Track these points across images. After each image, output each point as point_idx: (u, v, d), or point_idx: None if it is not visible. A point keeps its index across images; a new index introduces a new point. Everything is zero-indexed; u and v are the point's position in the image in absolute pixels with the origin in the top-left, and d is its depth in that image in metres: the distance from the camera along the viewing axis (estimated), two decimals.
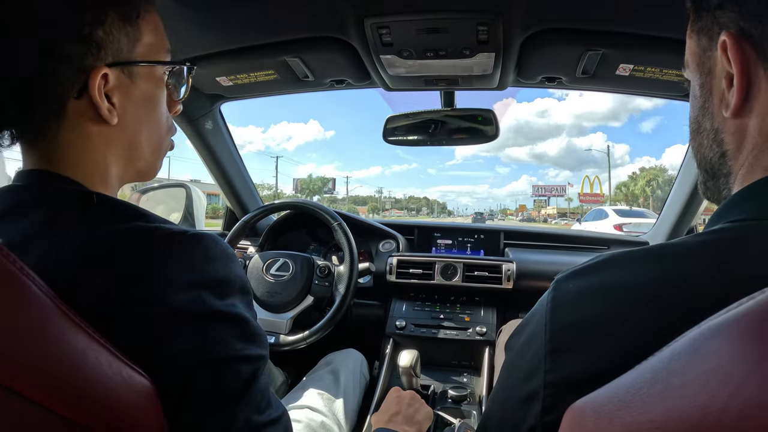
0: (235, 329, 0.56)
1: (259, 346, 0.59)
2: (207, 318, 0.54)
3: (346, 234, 1.61)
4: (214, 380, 0.54)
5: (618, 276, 0.46)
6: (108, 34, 0.57)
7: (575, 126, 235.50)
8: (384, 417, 1.04)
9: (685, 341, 0.30)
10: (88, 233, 0.54)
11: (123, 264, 0.51)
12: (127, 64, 0.60)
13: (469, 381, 1.68)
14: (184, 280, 0.53)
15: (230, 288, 0.58)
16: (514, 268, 1.82)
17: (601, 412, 0.33)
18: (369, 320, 2.00)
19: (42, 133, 0.59)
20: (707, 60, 0.53)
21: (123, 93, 0.61)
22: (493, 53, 1.21)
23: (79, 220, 0.55)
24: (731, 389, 0.24)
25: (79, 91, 0.57)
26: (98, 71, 0.56)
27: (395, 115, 1.60)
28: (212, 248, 0.57)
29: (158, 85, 0.66)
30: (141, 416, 0.50)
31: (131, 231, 0.55)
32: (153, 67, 0.65)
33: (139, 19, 0.61)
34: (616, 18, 1.09)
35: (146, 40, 0.63)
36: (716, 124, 0.53)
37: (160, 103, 0.68)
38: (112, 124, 0.60)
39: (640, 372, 0.32)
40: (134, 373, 0.49)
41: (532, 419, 0.46)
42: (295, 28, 1.21)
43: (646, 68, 1.27)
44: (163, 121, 0.69)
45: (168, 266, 0.53)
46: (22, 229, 0.54)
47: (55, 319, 0.43)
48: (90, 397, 0.45)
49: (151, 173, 0.71)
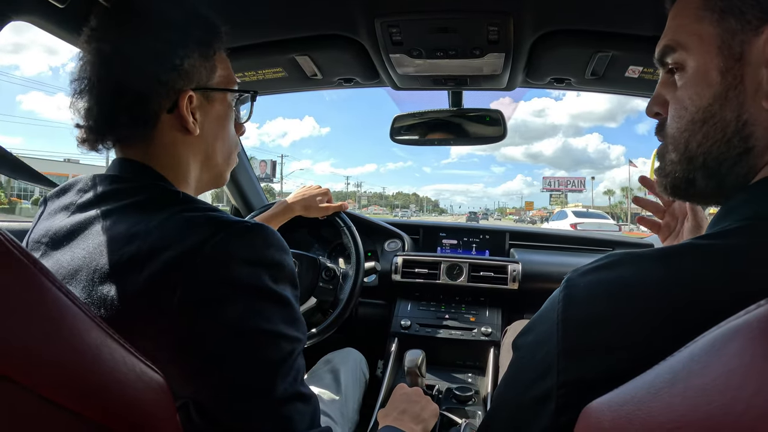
0: (282, 311, 0.64)
1: (299, 331, 0.66)
2: (260, 293, 0.62)
3: (354, 237, 1.58)
4: (257, 349, 0.60)
5: (631, 273, 0.46)
6: (193, 67, 0.74)
7: (572, 126, 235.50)
8: (392, 414, 1.04)
9: (704, 342, 0.30)
10: (171, 215, 0.64)
11: (196, 236, 0.60)
12: (206, 90, 0.77)
13: (474, 381, 1.67)
14: (247, 257, 0.62)
15: (284, 274, 0.66)
16: (520, 269, 1.82)
17: (619, 413, 0.33)
18: (372, 319, 2.00)
19: (140, 138, 0.73)
20: (737, 44, 0.50)
21: (203, 111, 0.78)
22: (503, 53, 1.21)
23: (167, 207, 0.67)
24: (753, 389, 0.24)
25: (170, 107, 0.73)
26: (185, 93, 0.73)
27: (402, 114, 1.60)
28: (272, 237, 0.66)
29: (229, 108, 0.83)
30: (154, 412, 0.50)
31: (206, 216, 0.65)
32: (225, 93, 0.82)
33: (214, 57, 0.79)
34: (625, 20, 1.09)
35: (219, 73, 0.80)
36: (745, 116, 0.49)
37: (229, 123, 0.85)
38: (195, 134, 0.76)
39: (659, 372, 0.32)
40: (148, 369, 0.50)
41: (546, 420, 0.46)
42: (305, 25, 1.21)
43: (655, 71, 1.26)
44: (231, 138, 0.86)
45: (234, 244, 0.62)
46: (118, 208, 0.67)
47: (71, 316, 0.43)
48: (105, 394, 0.45)
49: (221, 181, 0.89)
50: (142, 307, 0.58)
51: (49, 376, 0.40)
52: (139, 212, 0.66)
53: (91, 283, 0.60)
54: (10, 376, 0.37)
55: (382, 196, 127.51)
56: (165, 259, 0.58)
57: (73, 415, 0.42)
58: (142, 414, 0.48)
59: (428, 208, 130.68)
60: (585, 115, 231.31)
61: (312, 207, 1.53)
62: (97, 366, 0.44)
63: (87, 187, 0.73)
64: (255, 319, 0.60)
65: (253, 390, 0.59)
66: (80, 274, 0.62)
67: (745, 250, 0.43)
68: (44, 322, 0.41)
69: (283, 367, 0.62)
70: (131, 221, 0.64)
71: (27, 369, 0.38)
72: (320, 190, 1.57)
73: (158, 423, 0.51)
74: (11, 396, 0.38)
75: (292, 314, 0.65)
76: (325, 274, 1.59)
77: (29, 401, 0.39)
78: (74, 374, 0.42)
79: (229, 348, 0.59)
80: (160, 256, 0.59)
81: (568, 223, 23.12)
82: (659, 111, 0.61)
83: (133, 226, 0.63)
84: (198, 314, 0.58)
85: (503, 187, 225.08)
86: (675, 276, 0.43)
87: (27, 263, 0.40)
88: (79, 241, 0.66)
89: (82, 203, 0.71)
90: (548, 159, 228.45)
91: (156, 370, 0.51)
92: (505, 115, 1.55)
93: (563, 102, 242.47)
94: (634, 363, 0.36)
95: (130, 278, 0.59)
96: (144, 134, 0.73)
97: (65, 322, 0.43)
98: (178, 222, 0.63)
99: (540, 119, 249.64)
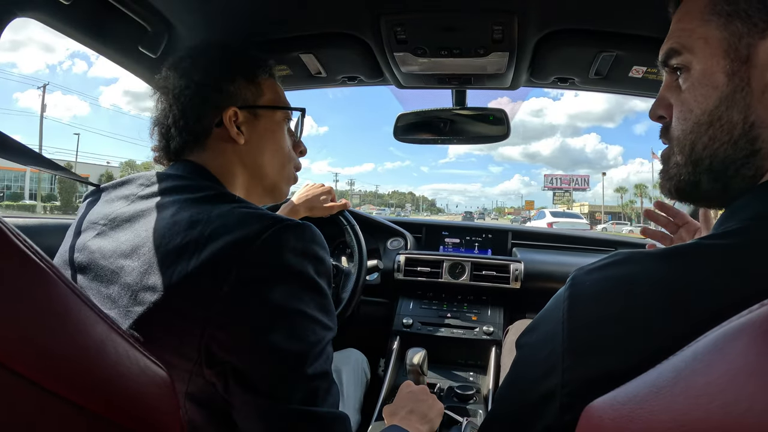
0: (320, 300, 0.70)
1: (332, 321, 0.73)
2: (304, 281, 0.69)
3: (357, 236, 1.58)
4: (297, 328, 0.66)
5: (636, 271, 0.46)
6: (237, 89, 0.88)
7: (569, 126, 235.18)
8: (399, 412, 1.05)
9: (707, 341, 0.30)
10: (230, 210, 0.71)
11: (253, 227, 0.67)
12: (250, 107, 0.89)
13: (476, 380, 1.68)
14: (296, 248, 0.68)
15: (324, 268, 0.72)
16: (522, 268, 1.82)
17: (621, 412, 0.33)
18: (374, 318, 2.00)
19: (195, 146, 0.86)
20: (743, 47, 0.50)
21: (249, 125, 0.89)
22: (507, 53, 1.21)
23: (226, 203, 0.74)
24: (756, 388, 0.24)
25: (218, 122, 0.86)
26: (229, 110, 0.86)
27: (406, 112, 1.60)
28: (317, 235, 0.73)
29: (278, 126, 0.94)
30: (157, 406, 0.50)
31: (262, 212, 0.72)
32: (271, 111, 0.93)
33: (259, 81, 0.92)
34: (630, 20, 1.09)
35: (267, 96, 0.92)
36: (752, 117, 0.50)
37: (280, 138, 0.95)
38: (240, 143, 0.87)
39: (661, 371, 0.32)
40: (151, 363, 0.50)
41: (549, 418, 0.46)
42: (310, 23, 1.21)
43: (659, 71, 1.26)
44: (284, 153, 0.96)
45: (286, 236, 0.68)
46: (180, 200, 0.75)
47: (76, 310, 0.44)
48: (109, 387, 0.45)
49: (278, 194, 0.99)
50: (201, 280, 0.64)
51: (54, 369, 0.40)
52: (200, 205, 0.73)
53: (152, 258, 0.67)
54: (15, 368, 0.37)
55: (376, 195, 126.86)
56: (225, 242, 0.65)
57: (76, 408, 0.42)
58: (145, 408, 0.49)
59: (424, 207, 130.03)
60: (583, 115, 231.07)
61: (316, 207, 1.53)
62: (101, 360, 0.45)
63: (149, 182, 0.81)
64: (297, 302, 0.67)
65: (290, 362, 0.65)
66: (141, 249, 0.69)
67: (748, 250, 0.43)
68: (49, 316, 0.41)
69: (316, 347, 0.67)
70: (193, 211, 0.71)
71: (31, 362, 0.39)
72: (323, 189, 1.57)
73: (161, 417, 0.51)
74: (15, 388, 0.38)
75: (327, 305, 0.72)
76: None
77: (33, 394, 0.39)
78: (79, 368, 0.43)
79: (273, 322, 0.65)
80: (222, 239, 0.65)
81: (545, 222, 27.87)
82: (663, 114, 0.61)
83: (195, 215, 0.70)
84: (249, 290, 0.64)
85: (501, 186, 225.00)
86: (679, 275, 0.43)
87: (33, 257, 0.40)
88: (142, 223, 0.73)
89: (144, 194, 0.79)
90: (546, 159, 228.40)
91: (159, 365, 0.51)
92: (508, 115, 1.55)
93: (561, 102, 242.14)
94: (639, 361, 0.36)
95: (192, 257, 0.65)
96: (196, 145, 0.86)
97: (70, 316, 0.43)
98: (237, 215, 0.70)
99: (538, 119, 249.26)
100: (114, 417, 0.46)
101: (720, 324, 0.30)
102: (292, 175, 1.01)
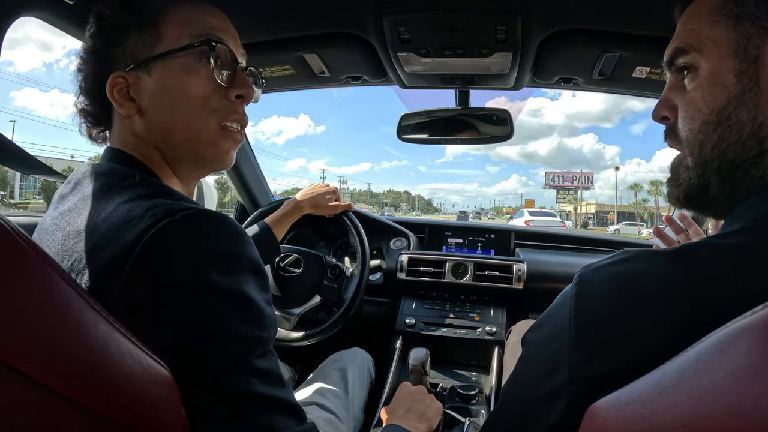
0: (234, 306, 0.57)
1: (260, 328, 0.59)
2: (206, 291, 0.55)
3: (360, 236, 1.59)
4: (206, 354, 0.54)
5: (643, 269, 0.46)
6: (126, 49, 0.71)
7: (567, 126, 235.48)
8: (397, 412, 1.05)
9: (711, 341, 0.30)
10: (117, 206, 0.59)
11: (133, 231, 0.54)
12: (139, 65, 0.71)
13: (478, 380, 1.67)
14: (187, 250, 0.55)
15: (237, 265, 0.59)
16: (525, 269, 1.82)
17: (625, 411, 0.33)
18: (377, 318, 2.00)
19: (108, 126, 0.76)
20: (752, 48, 0.51)
21: (138, 89, 0.71)
22: (510, 53, 1.21)
23: (119, 195, 0.62)
24: (759, 388, 0.24)
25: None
26: (114, 78, 0.70)
27: (409, 112, 1.60)
28: (220, 226, 0.59)
29: (183, 72, 0.71)
30: (161, 406, 0.50)
31: (147, 206, 0.58)
32: (168, 59, 0.71)
33: (157, 22, 0.71)
34: (634, 20, 1.09)
35: (169, 35, 0.71)
36: (761, 117, 0.50)
37: (186, 87, 0.72)
38: (132, 116, 0.72)
39: (665, 372, 0.32)
40: (154, 363, 0.50)
41: (556, 416, 0.46)
42: (314, 23, 1.21)
43: (663, 71, 1.26)
44: (193, 103, 0.72)
45: (174, 236, 0.55)
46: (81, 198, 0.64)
47: (77, 308, 0.44)
48: (111, 386, 0.45)
49: (208, 159, 0.77)
50: None
51: (56, 367, 0.40)
52: (94, 203, 0.62)
53: None
54: (16, 366, 0.37)
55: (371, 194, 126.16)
56: (104, 258, 0.55)
57: (78, 407, 0.42)
58: (147, 407, 0.49)
59: (419, 206, 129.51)
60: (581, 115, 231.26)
61: (320, 205, 1.54)
62: (103, 359, 0.45)
63: (71, 180, 0.71)
64: (203, 321, 0.54)
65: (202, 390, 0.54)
66: None
67: (755, 249, 0.43)
68: (51, 314, 0.41)
69: (234, 370, 0.55)
70: (85, 215, 0.61)
71: (33, 360, 0.39)
72: (328, 188, 1.58)
73: (164, 417, 0.51)
74: (17, 387, 0.38)
75: (250, 310, 0.58)
76: (331, 272, 1.59)
77: (35, 393, 0.39)
78: (81, 366, 0.43)
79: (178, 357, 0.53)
80: (100, 256, 0.55)
81: (524, 220, 31.82)
82: (667, 115, 0.61)
83: (86, 220, 0.60)
84: (137, 317, 0.52)
85: (498, 186, 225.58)
86: (686, 273, 0.43)
87: (35, 255, 0.40)
88: (53, 235, 0.63)
89: (62, 194, 0.70)
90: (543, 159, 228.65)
91: (162, 364, 0.51)
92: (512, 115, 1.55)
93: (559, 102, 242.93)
94: (645, 359, 0.36)
95: (81, 280, 0.55)
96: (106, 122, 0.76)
97: (72, 315, 0.43)
98: (120, 215, 0.58)
99: (536, 119, 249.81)
100: (116, 416, 0.46)
101: (725, 324, 0.30)
102: (221, 126, 0.75)
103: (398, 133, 1.64)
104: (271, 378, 0.58)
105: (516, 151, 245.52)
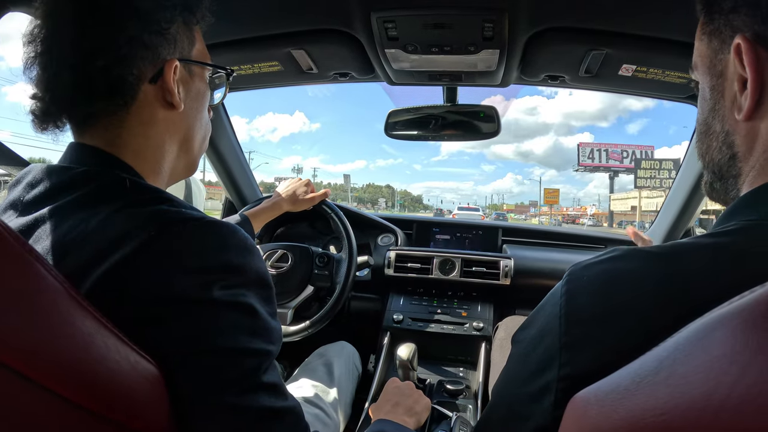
0: (241, 320, 0.56)
1: (267, 341, 0.58)
2: (211, 305, 0.54)
3: (342, 222, 1.61)
4: (215, 369, 0.54)
5: (633, 267, 0.46)
6: (177, 34, 0.67)
7: (563, 125, 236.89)
8: (384, 408, 1.05)
9: (689, 332, 0.31)
10: (111, 213, 0.56)
11: (134, 242, 0.52)
12: (189, 62, 0.70)
13: (465, 375, 1.69)
14: (192, 264, 0.54)
15: (243, 278, 0.58)
16: (512, 265, 1.83)
17: (605, 401, 0.34)
18: (365, 313, 2.01)
19: (113, 114, 0.64)
20: (719, 63, 0.53)
21: (185, 86, 0.70)
22: (497, 50, 1.22)
23: (110, 202, 0.57)
24: (734, 376, 0.25)
25: (153, 77, 0.65)
26: (172, 62, 0.66)
27: (397, 109, 1.61)
28: (228, 237, 0.58)
29: (206, 86, 0.76)
30: (147, 401, 0.50)
31: (150, 214, 0.56)
32: (204, 70, 0.74)
33: (195, 28, 0.72)
34: (620, 18, 1.10)
35: (198, 46, 0.73)
36: (727, 127, 0.53)
37: (206, 103, 0.77)
38: (179, 110, 0.69)
39: (644, 361, 0.33)
40: (141, 358, 0.50)
41: (544, 412, 0.47)
42: (302, 19, 1.21)
43: (648, 69, 1.27)
44: (207, 119, 0.78)
45: (176, 249, 0.54)
46: (60, 207, 0.58)
47: (64, 303, 0.44)
48: (97, 382, 0.45)
49: (193, 168, 0.79)
50: None
51: (43, 362, 0.40)
52: (80, 211, 0.57)
53: None
54: (3, 361, 0.37)
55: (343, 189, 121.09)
56: (100, 273, 0.51)
57: (65, 402, 0.42)
58: (135, 402, 0.49)
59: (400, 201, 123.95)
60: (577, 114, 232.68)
61: (297, 201, 1.55)
62: (90, 354, 0.44)
63: (36, 181, 0.62)
64: (207, 335, 0.54)
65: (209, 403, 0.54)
66: None
67: (742, 249, 0.44)
68: (37, 309, 0.41)
69: (247, 387, 0.55)
70: (70, 224, 0.56)
71: (20, 355, 0.39)
72: (302, 182, 1.59)
73: (151, 412, 0.51)
74: (4, 381, 0.38)
75: (256, 322, 0.58)
76: (319, 260, 1.60)
77: (22, 387, 0.39)
78: (67, 361, 0.43)
79: (183, 373, 0.53)
80: (96, 271, 0.52)
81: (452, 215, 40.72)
82: None
83: (71, 232, 0.55)
84: (141, 334, 0.51)
85: (493, 185, 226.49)
86: (676, 271, 0.44)
87: (20, 249, 0.40)
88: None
89: (29, 201, 0.61)
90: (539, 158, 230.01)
91: (150, 360, 0.51)
92: (499, 112, 1.56)
93: (555, 100, 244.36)
94: (635, 355, 0.37)
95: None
96: (119, 108, 0.63)
97: (58, 309, 0.43)
98: (117, 223, 0.55)
99: (532, 117, 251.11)
100: (103, 411, 0.46)
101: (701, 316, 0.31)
102: (206, 146, 0.81)
103: (386, 129, 1.64)
104: (277, 390, 0.59)
105: (511, 150, 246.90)
